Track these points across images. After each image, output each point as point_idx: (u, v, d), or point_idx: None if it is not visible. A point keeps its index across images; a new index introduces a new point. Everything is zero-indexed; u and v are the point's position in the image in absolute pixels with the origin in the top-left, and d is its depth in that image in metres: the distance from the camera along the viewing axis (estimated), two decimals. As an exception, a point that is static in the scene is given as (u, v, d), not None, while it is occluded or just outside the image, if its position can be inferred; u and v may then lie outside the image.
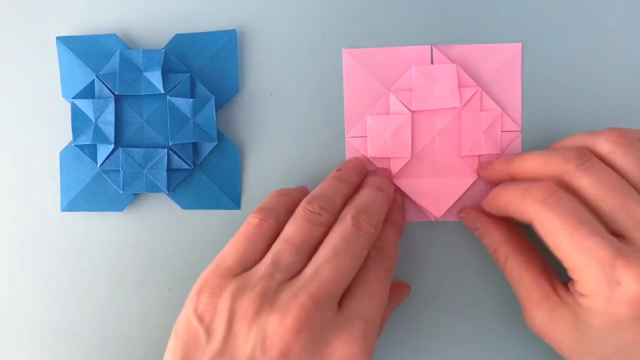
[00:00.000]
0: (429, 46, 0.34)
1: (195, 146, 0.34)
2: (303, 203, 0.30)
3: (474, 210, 0.34)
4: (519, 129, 0.34)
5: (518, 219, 0.30)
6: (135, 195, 0.34)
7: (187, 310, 0.28)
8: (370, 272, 0.29)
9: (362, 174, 0.33)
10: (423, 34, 0.34)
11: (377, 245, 0.31)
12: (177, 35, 0.34)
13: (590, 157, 0.29)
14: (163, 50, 0.33)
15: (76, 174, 0.34)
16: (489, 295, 0.34)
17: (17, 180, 0.35)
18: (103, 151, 0.33)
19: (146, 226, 0.35)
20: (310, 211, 0.29)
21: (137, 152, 0.33)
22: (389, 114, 0.34)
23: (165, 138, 0.34)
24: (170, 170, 0.34)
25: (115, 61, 0.33)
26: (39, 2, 0.35)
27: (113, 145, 0.33)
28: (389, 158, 0.34)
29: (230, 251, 0.29)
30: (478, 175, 0.34)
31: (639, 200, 0.28)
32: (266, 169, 0.35)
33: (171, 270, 0.35)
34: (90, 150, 0.34)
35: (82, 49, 0.34)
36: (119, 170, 0.33)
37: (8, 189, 0.35)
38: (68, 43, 0.34)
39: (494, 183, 0.33)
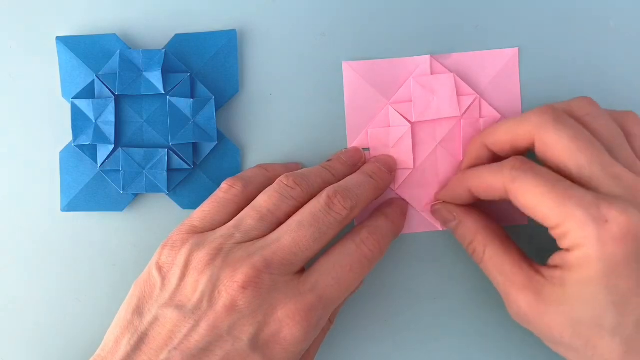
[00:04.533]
0: (428, 56, 0.34)
1: (195, 146, 0.34)
2: (280, 177, 0.31)
3: (448, 202, 0.33)
4: None
5: (489, 197, 0.30)
6: (135, 195, 0.34)
7: (150, 264, 0.30)
8: (347, 256, 0.29)
9: (354, 166, 0.33)
10: (421, 37, 0.34)
11: (370, 228, 0.31)
12: (177, 35, 0.34)
13: (564, 114, 0.29)
14: (163, 50, 0.33)
15: (76, 174, 0.34)
16: (490, 299, 0.34)
17: (17, 180, 0.35)
18: (103, 151, 0.33)
19: (146, 226, 0.35)
20: (284, 184, 0.30)
21: (137, 152, 0.33)
22: (389, 126, 0.34)
23: (165, 138, 0.34)
24: (170, 170, 0.34)
25: (115, 61, 0.33)
26: (39, 2, 0.35)
27: (113, 145, 0.33)
28: (395, 168, 0.34)
29: (197, 212, 0.31)
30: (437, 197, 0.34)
31: (611, 158, 0.28)
32: (266, 169, 0.35)
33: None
34: (90, 150, 0.34)
35: (82, 49, 0.34)
36: (119, 171, 0.33)
37: (8, 189, 0.35)
38: (68, 43, 0.34)
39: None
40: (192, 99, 0.33)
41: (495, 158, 0.32)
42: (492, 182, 0.29)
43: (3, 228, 0.35)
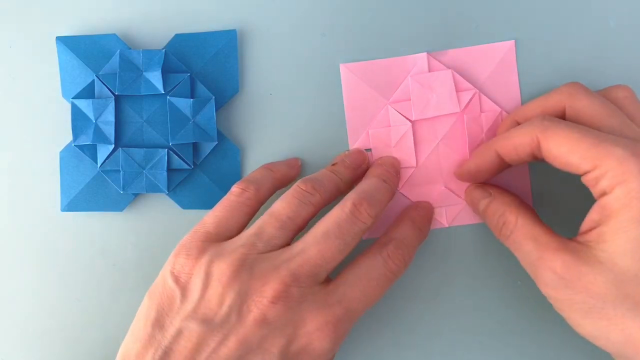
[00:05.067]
0: (425, 54, 0.34)
1: (195, 146, 0.34)
2: (297, 182, 0.31)
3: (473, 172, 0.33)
4: None
5: (518, 158, 0.29)
6: (135, 195, 0.34)
7: (163, 273, 0.29)
8: (374, 270, 0.29)
9: (358, 169, 0.33)
10: (418, 34, 0.34)
11: (397, 242, 0.30)
12: (177, 35, 0.34)
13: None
14: (163, 50, 0.33)
15: (76, 174, 0.34)
16: (490, 299, 0.34)
17: (17, 180, 0.35)
18: (103, 151, 0.33)
19: (146, 226, 0.35)
20: (303, 189, 0.30)
21: (137, 152, 0.33)
22: (390, 126, 0.34)
23: (165, 138, 0.34)
24: (170, 170, 0.34)
25: (115, 61, 0.33)
26: (39, 2, 0.35)
27: (113, 145, 0.33)
28: (400, 169, 0.34)
29: (210, 217, 0.30)
30: (460, 176, 0.34)
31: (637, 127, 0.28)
32: (266, 169, 0.35)
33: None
34: (90, 150, 0.34)
35: (82, 49, 0.34)
36: (119, 171, 0.33)
37: (8, 189, 0.35)
38: (68, 43, 0.34)
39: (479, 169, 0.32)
40: (192, 99, 0.33)
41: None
42: (522, 138, 0.29)
43: (3, 228, 0.35)
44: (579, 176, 0.28)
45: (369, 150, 0.34)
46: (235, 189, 0.31)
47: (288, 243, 0.29)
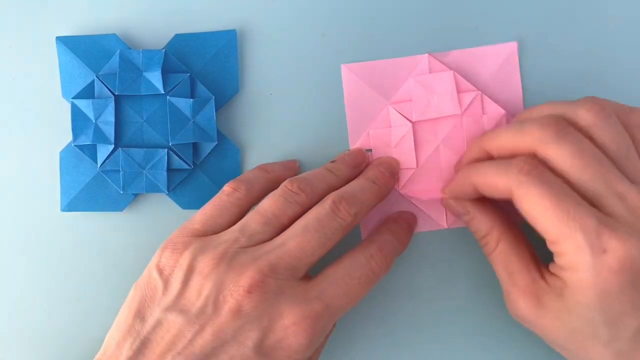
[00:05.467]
0: (426, 55, 0.34)
1: (195, 146, 0.34)
2: (285, 181, 0.31)
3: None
4: None
5: (493, 195, 0.29)
6: (135, 195, 0.34)
7: (149, 266, 0.29)
8: (356, 269, 0.29)
9: (357, 168, 0.33)
10: (420, 35, 0.34)
11: (380, 245, 0.31)
12: (177, 35, 0.34)
13: (567, 126, 0.28)
14: (163, 50, 0.33)
15: (76, 174, 0.34)
16: (490, 299, 0.34)
17: (17, 180, 0.35)
18: (103, 151, 0.33)
19: (146, 226, 0.35)
20: (289, 189, 0.30)
21: (137, 152, 0.33)
22: (390, 127, 0.34)
23: (165, 138, 0.34)
24: (170, 170, 0.34)
25: (115, 61, 0.33)
26: (39, 2, 0.35)
27: (113, 146, 0.33)
28: (398, 171, 0.34)
29: (199, 215, 0.31)
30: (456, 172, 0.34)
31: (617, 173, 0.27)
32: (266, 169, 0.35)
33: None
34: (90, 150, 0.34)
35: (82, 49, 0.34)
36: (119, 171, 0.33)
37: (8, 189, 0.35)
38: (68, 43, 0.34)
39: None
40: (192, 99, 0.33)
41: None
42: (497, 182, 0.28)
43: (3, 228, 0.35)
44: None
45: (370, 150, 0.34)
46: (226, 188, 0.31)
47: (271, 239, 0.29)
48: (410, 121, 0.34)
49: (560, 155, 0.27)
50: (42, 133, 0.35)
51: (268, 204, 0.30)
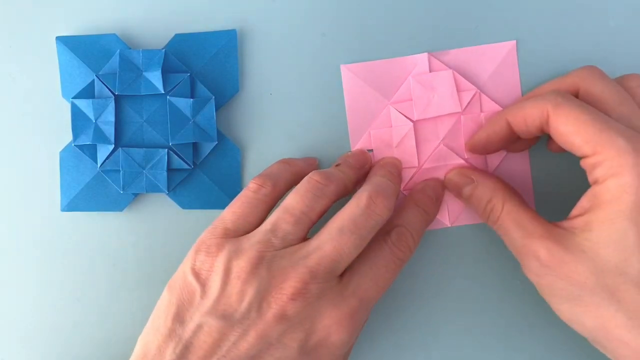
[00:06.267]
0: (426, 54, 0.34)
1: (195, 146, 0.34)
2: (309, 174, 0.30)
3: (463, 166, 0.34)
4: None
5: (528, 129, 0.30)
6: (135, 195, 0.34)
7: (184, 267, 0.29)
8: (382, 258, 0.30)
9: (361, 170, 0.33)
10: (419, 34, 0.34)
11: (400, 229, 0.31)
12: (177, 35, 0.34)
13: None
14: (163, 50, 0.33)
15: (76, 174, 0.34)
16: (490, 299, 0.34)
17: (17, 180, 0.35)
18: (103, 151, 0.33)
19: (146, 226, 0.35)
20: (316, 180, 0.30)
21: (137, 152, 0.33)
22: (391, 126, 0.34)
23: (165, 138, 0.34)
24: (170, 170, 0.34)
25: (115, 61, 0.33)
26: (39, 2, 0.35)
27: (113, 145, 0.33)
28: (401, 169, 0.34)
29: (228, 214, 0.30)
30: (470, 149, 0.34)
31: None
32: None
33: (171, 270, 0.35)
34: (90, 150, 0.34)
35: (82, 49, 0.34)
36: (119, 170, 0.33)
37: (8, 189, 0.35)
38: (68, 43, 0.34)
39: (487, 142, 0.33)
40: (192, 99, 0.33)
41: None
42: (534, 109, 0.29)
43: (3, 228, 0.35)
44: (578, 160, 0.28)
45: (371, 150, 0.34)
46: (252, 184, 0.31)
47: (303, 237, 0.29)
48: (411, 120, 0.34)
49: (604, 89, 0.29)
50: (42, 133, 0.35)
51: (296, 200, 0.30)
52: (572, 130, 0.27)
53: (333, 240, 0.28)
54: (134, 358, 0.28)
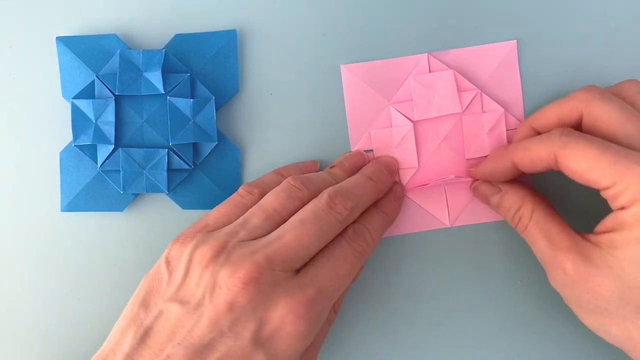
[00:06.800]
0: (426, 54, 0.34)
1: (195, 146, 0.34)
2: (288, 178, 0.31)
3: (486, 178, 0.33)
4: None
5: (534, 169, 0.30)
6: (135, 195, 0.34)
7: (160, 258, 0.30)
8: (339, 248, 0.30)
9: (356, 172, 0.33)
10: (420, 34, 0.35)
11: (356, 226, 0.31)
12: (177, 35, 0.34)
13: (608, 91, 0.30)
14: (163, 51, 0.33)
15: (76, 174, 0.34)
16: (491, 299, 0.34)
17: (17, 180, 0.35)
18: (103, 151, 0.33)
19: (146, 226, 0.35)
20: (292, 184, 0.31)
21: (137, 152, 0.33)
22: (391, 127, 0.34)
23: (165, 138, 0.34)
24: (170, 170, 0.34)
25: (115, 61, 0.33)
26: (39, 2, 0.35)
27: (113, 146, 0.33)
28: (397, 169, 0.34)
29: (213, 212, 0.32)
30: (472, 175, 0.34)
31: None
32: (266, 169, 0.35)
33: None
34: (90, 151, 0.34)
35: (82, 49, 0.34)
36: (119, 171, 0.33)
37: (8, 189, 0.35)
38: (68, 43, 0.34)
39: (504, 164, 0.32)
40: (192, 99, 0.33)
41: None
42: (540, 151, 0.29)
43: (3, 228, 0.35)
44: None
45: (371, 151, 0.34)
46: (241, 190, 0.32)
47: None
48: (411, 121, 0.34)
49: (607, 110, 0.28)
50: (42, 133, 0.35)
51: (271, 199, 0.30)
52: (585, 167, 0.27)
53: (294, 229, 0.29)
54: (104, 344, 0.29)
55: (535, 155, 0.29)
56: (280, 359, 0.27)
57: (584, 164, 0.27)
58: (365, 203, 0.31)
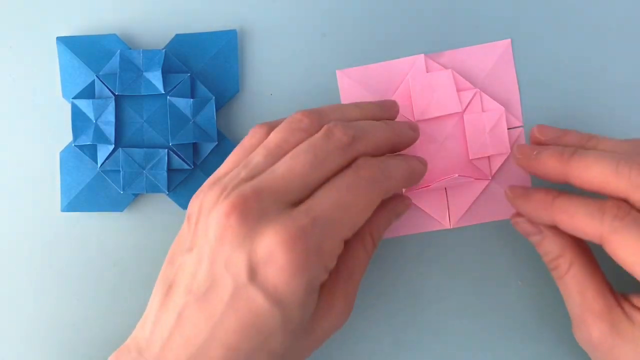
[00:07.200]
0: (422, 56, 0.34)
1: (195, 146, 0.34)
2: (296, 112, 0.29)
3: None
4: (521, 124, 0.34)
5: (576, 235, 0.28)
6: (136, 195, 0.34)
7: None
8: (342, 178, 0.27)
9: (386, 111, 0.31)
10: (415, 36, 0.35)
11: (367, 157, 0.28)
12: (177, 35, 0.34)
13: None
14: (163, 51, 0.33)
15: (76, 174, 0.34)
16: (491, 300, 0.34)
17: (17, 180, 0.35)
18: (103, 151, 0.33)
19: (146, 226, 0.35)
20: (295, 117, 0.29)
21: (138, 152, 0.33)
22: None
23: (165, 138, 0.34)
24: (170, 170, 0.34)
25: (115, 61, 0.33)
26: (39, 2, 0.35)
27: (113, 146, 0.33)
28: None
29: (224, 163, 0.30)
30: (514, 159, 0.32)
31: None
32: (266, 169, 0.35)
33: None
34: (90, 151, 0.34)
35: (82, 49, 0.34)
36: (119, 171, 0.33)
37: (8, 189, 0.35)
38: (68, 43, 0.34)
39: (537, 175, 0.30)
40: (192, 99, 0.33)
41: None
42: (587, 227, 0.27)
43: (3, 228, 0.35)
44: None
45: None
46: (250, 130, 0.30)
47: None
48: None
49: None
50: (42, 133, 0.35)
51: (273, 135, 0.28)
52: (634, 261, 0.26)
53: (286, 161, 0.27)
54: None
55: (579, 227, 0.28)
56: (285, 299, 0.25)
57: (633, 258, 0.26)
58: (374, 139, 0.28)
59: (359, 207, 0.27)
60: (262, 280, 0.25)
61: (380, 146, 0.29)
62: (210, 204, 0.27)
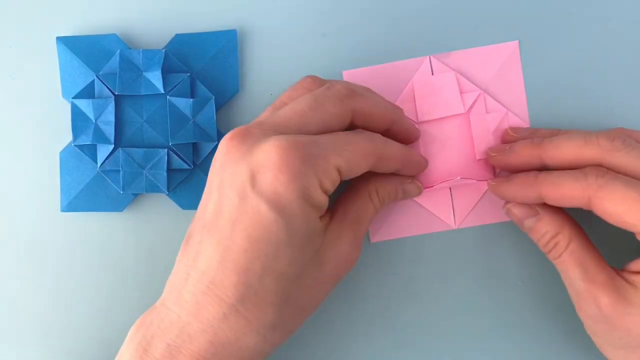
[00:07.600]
0: (427, 57, 0.34)
1: (195, 146, 0.34)
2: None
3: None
4: (527, 125, 0.34)
5: (564, 205, 0.29)
6: (135, 195, 0.34)
7: None
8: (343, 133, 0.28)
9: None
10: (421, 36, 0.35)
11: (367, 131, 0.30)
12: (177, 35, 0.34)
13: (632, 140, 0.29)
14: (163, 50, 0.33)
15: (76, 174, 0.34)
16: (491, 300, 0.34)
17: (17, 180, 0.35)
18: (103, 151, 0.33)
19: (146, 226, 0.35)
20: (304, 79, 0.31)
21: (137, 152, 0.33)
22: None
23: (165, 138, 0.34)
24: (170, 170, 0.34)
25: (115, 61, 0.33)
26: (39, 2, 0.35)
27: (113, 146, 0.33)
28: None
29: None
30: (489, 158, 0.33)
31: None
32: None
33: (171, 270, 0.35)
34: (90, 151, 0.34)
35: (82, 49, 0.34)
36: (119, 171, 0.33)
37: (8, 188, 0.35)
38: (68, 43, 0.34)
39: (513, 168, 0.32)
40: (192, 99, 0.33)
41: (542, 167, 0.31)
42: (573, 190, 0.28)
43: (3, 228, 0.35)
44: None
45: None
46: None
47: None
48: (415, 122, 0.34)
49: (629, 160, 0.28)
50: (42, 133, 0.35)
51: (284, 94, 0.31)
52: (622, 210, 0.27)
53: (288, 106, 0.28)
54: None
55: (566, 192, 0.28)
56: (286, 206, 0.26)
57: (621, 207, 0.27)
58: (373, 103, 0.30)
59: (355, 143, 0.28)
60: (262, 185, 0.26)
61: (376, 113, 0.30)
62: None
